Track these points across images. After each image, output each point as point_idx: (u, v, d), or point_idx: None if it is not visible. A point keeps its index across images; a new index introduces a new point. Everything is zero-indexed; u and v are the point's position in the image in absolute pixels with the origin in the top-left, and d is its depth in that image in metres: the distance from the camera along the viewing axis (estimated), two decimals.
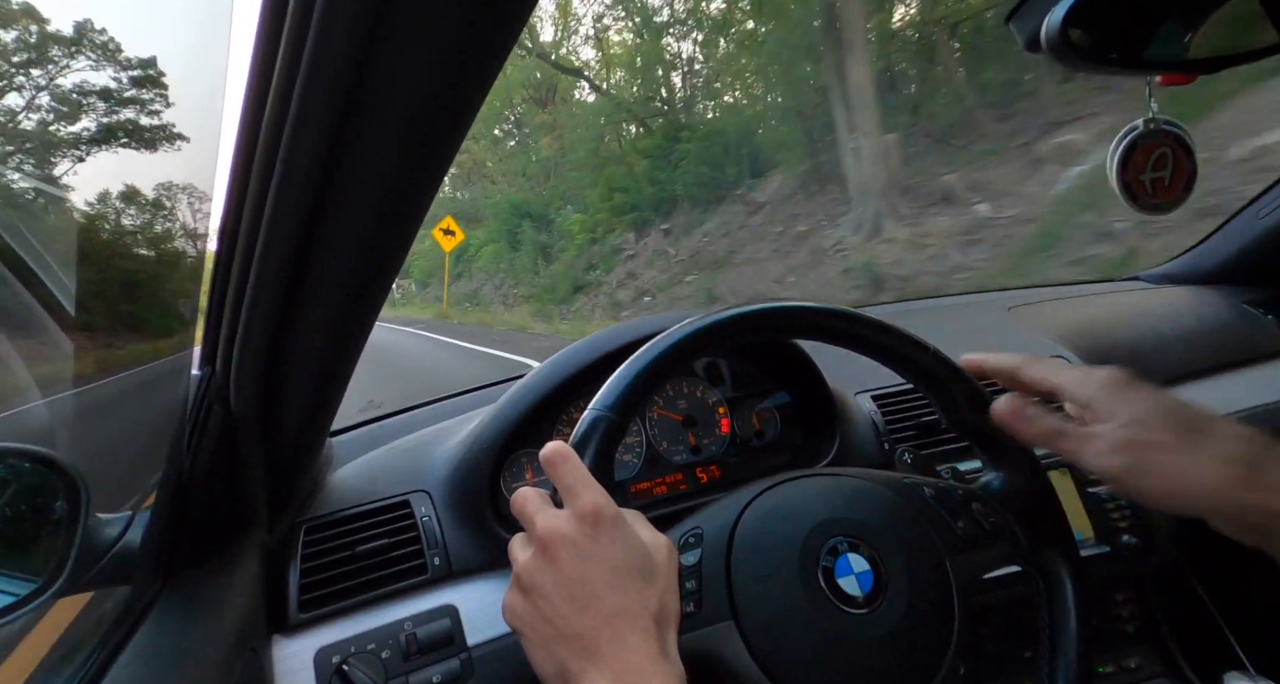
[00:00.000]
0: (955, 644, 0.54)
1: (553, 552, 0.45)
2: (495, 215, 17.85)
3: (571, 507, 0.46)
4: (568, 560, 0.44)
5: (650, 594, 0.45)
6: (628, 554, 0.46)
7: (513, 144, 20.64)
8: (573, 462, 0.48)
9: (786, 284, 8.28)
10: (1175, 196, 0.76)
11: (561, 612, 0.44)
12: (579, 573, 0.44)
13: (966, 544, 0.58)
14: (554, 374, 0.86)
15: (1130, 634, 0.99)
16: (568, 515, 0.46)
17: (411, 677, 0.71)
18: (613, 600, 0.44)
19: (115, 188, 1.05)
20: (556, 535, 0.45)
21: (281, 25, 0.36)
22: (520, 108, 19.17)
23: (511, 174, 19.08)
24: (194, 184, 0.65)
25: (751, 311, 0.59)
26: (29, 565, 0.56)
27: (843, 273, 7.56)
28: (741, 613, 0.52)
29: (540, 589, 0.45)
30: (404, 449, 0.94)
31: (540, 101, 18.58)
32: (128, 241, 1.11)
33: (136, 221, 1.08)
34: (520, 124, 20.04)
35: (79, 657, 0.54)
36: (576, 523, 0.45)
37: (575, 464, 0.48)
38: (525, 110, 19.15)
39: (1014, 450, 0.64)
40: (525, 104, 18.91)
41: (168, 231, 1.09)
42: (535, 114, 18.95)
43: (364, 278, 0.54)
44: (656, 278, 11.09)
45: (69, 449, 0.59)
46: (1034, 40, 0.58)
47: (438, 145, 0.43)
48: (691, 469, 0.93)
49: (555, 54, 17.59)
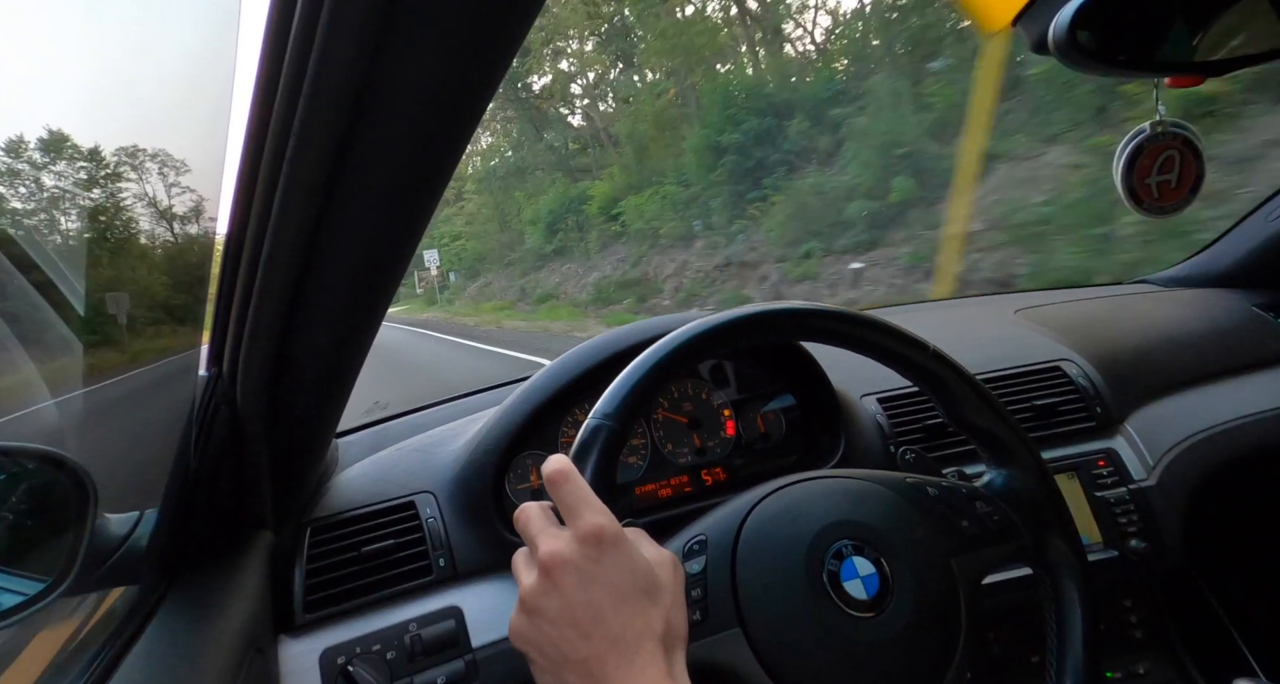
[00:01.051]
0: (962, 647, 0.54)
1: (556, 576, 0.44)
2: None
3: (573, 527, 0.46)
4: (571, 585, 0.44)
5: (655, 614, 0.45)
6: (631, 575, 0.45)
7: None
8: (574, 481, 0.48)
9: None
10: (1182, 200, 0.76)
11: (566, 636, 0.43)
12: (583, 597, 0.44)
13: (971, 543, 0.58)
14: (559, 376, 0.86)
15: (1139, 639, 0.99)
16: (569, 537, 0.46)
17: (416, 678, 0.71)
18: (617, 624, 0.43)
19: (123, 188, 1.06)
20: (559, 559, 0.45)
21: (288, 31, 0.36)
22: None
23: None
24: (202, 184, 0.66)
25: (752, 314, 0.59)
26: (38, 564, 0.56)
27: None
28: (748, 620, 0.51)
29: (545, 613, 0.44)
30: (409, 450, 0.94)
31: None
32: (136, 242, 1.12)
33: (145, 222, 1.09)
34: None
35: (87, 655, 0.54)
36: (579, 545, 0.45)
37: (577, 483, 0.48)
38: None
39: (1018, 449, 0.64)
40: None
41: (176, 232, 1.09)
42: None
43: (370, 279, 0.54)
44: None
45: (77, 449, 0.59)
46: (1041, 42, 0.58)
47: (444, 146, 0.43)
48: (696, 471, 0.93)
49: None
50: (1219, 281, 1.35)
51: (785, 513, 0.57)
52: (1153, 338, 1.16)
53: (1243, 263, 1.32)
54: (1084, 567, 0.61)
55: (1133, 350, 1.13)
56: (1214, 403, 1.06)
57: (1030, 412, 1.00)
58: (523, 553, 0.49)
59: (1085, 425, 1.00)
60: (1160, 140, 0.74)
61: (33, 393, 0.69)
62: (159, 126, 0.82)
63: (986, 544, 0.59)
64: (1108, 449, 0.99)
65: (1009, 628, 0.95)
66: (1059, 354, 1.08)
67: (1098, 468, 0.97)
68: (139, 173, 1.03)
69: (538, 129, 22.27)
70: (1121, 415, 1.03)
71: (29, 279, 0.71)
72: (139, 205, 1.08)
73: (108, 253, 1.02)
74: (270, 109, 0.40)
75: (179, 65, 0.67)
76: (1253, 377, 1.12)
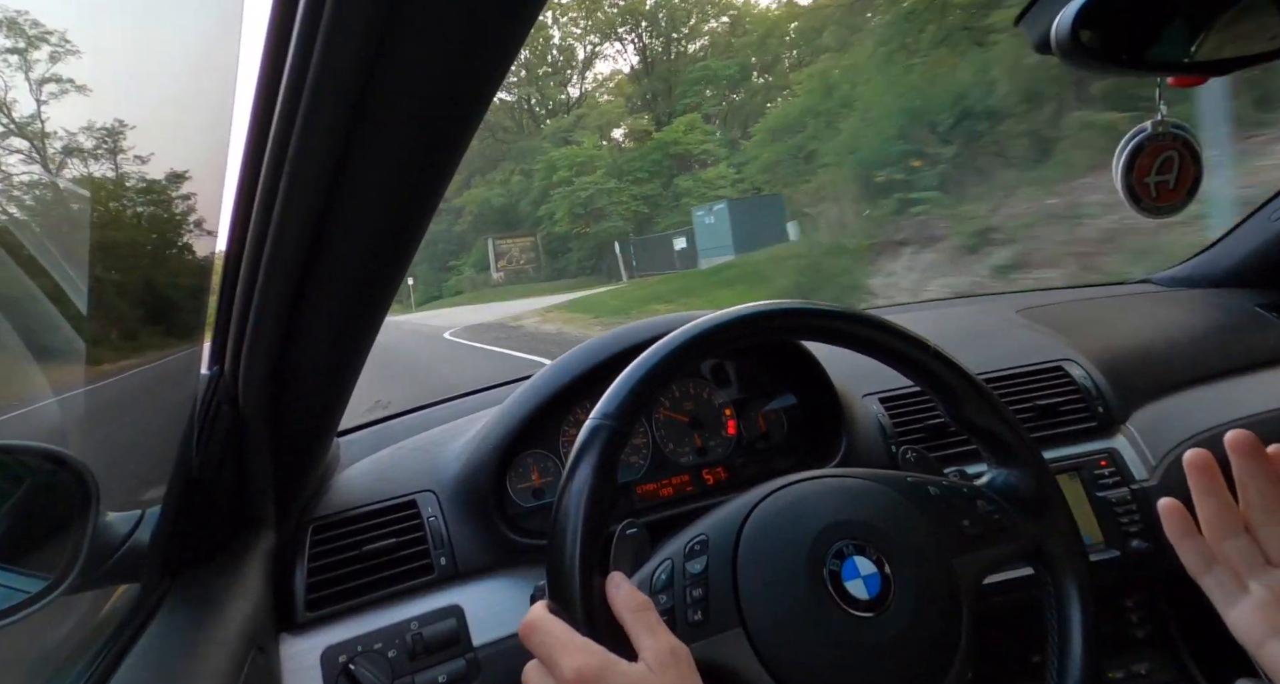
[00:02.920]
0: (963, 647, 0.54)
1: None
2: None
3: (558, 677, 0.45)
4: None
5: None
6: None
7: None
8: (544, 629, 0.47)
9: None
10: (1179, 200, 0.76)
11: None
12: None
13: (973, 543, 0.58)
14: (560, 376, 0.86)
15: (1140, 639, 0.99)
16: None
17: (418, 676, 0.71)
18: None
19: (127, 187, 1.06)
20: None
21: (290, 30, 0.36)
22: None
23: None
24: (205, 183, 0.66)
25: (753, 313, 0.59)
26: (40, 563, 0.56)
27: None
28: (749, 620, 0.51)
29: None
30: (411, 449, 0.94)
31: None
32: (139, 240, 1.12)
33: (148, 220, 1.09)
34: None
35: (89, 653, 0.55)
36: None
37: (548, 631, 0.47)
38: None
39: (1020, 449, 0.64)
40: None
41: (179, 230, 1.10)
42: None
43: (372, 278, 0.54)
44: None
45: (79, 447, 0.59)
46: (1043, 41, 0.58)
47: (446, 145, 0.43)
48: (698, 471, 0.93)
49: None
50: (1221, 281, 1.35)
51: (787, 512, 0.57)
52: (1155, 338, 1.16)
53: (1245, 263, 1.32)
54: (1085, 566, 0.61)
55: (1135, 350, 1.13)
56: (1216, 403, 1.06)
57: (1032, 411, 1.00)
58: (535, 667, 0.48)
59: (1087, 425, 1.00)
60: (1160, 140, 0.74)
61: (34, 391, 0.70)
62: (162, 124, 0.82)
63: (988, 544, 0.59)
64: (1109, 449, 0.99)
65: (1010, 628, 0.95)
66: (1061, 354, 1.08)
67: (1099, 468, 0.96)
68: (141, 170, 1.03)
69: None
70: (1123, 415, 1.03)
71: (31, 276, 0.71)
72: (141, 203, 1.08)
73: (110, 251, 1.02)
74: (273, 107, 0.40)
75: (182, 63, 0.67)
76: (1255, 376, 1.12)
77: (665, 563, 0.55)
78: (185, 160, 0.82)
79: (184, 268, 1.06)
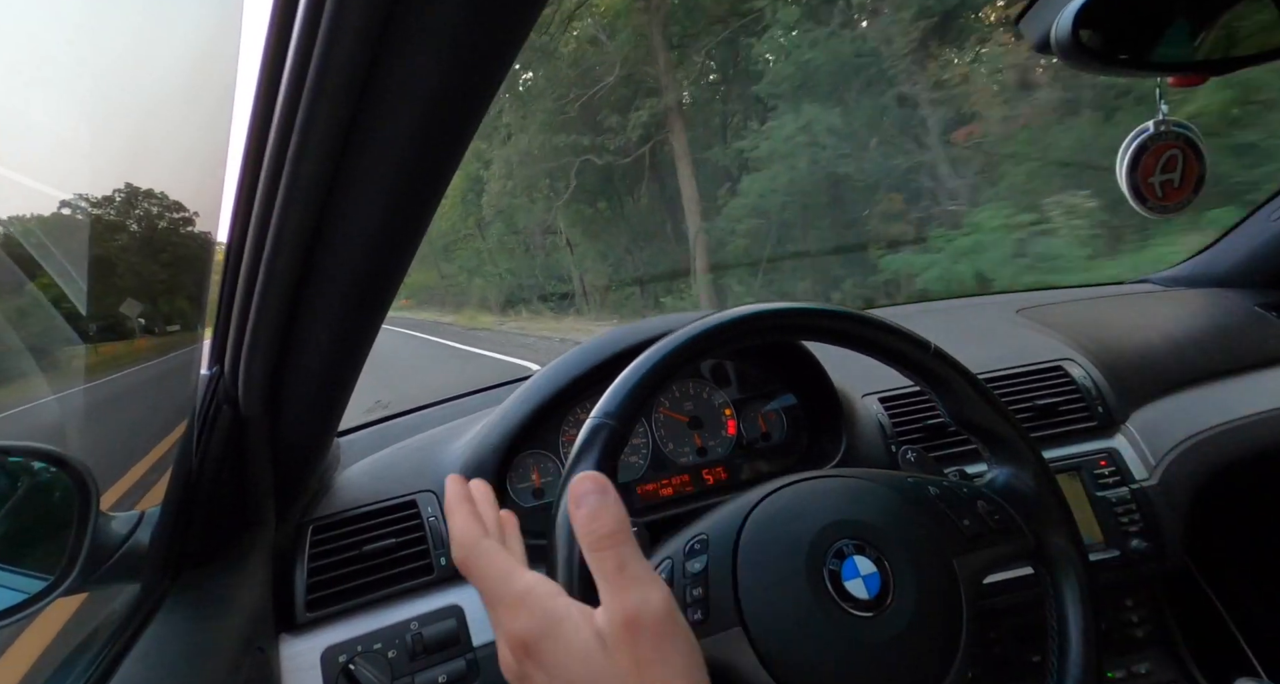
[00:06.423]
0: (964, 646, 0.54)
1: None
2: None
3: (498, 634, 0.39)
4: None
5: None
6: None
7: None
8: (484, 559, 0.41)
9: None
10: (1184, 199, 0.76)
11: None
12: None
13: (973, 542, 0.58)
14: (560, 376, 0.86)
15: (1140, 639, 0.99)
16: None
17: (417, 676, 0.71)
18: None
19: (126, 186, 1.06)
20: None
21: (291, 27, 0.36)
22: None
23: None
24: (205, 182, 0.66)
25: (753, 313, 0.59)
26: (39, 563, 0.56)
27: None
28: (749, 619, 0.51)
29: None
30: (411, 449, 0.94)
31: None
32: (139, 239, 1.12)
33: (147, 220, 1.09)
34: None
35: (88, 654, 0.54)
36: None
37: (489, 562, 0.41)
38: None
39: (1020, 449, 0.64)
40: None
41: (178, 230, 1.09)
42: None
43: (372, 278, 0.54)
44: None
45: (78, 447, 0.59)
46: (1044, 41, 0.58)
47: (447, 144, 0.43)
48: (698, 470, 0.93)
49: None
50: (1221, 281, 1.35)
51: (786, 512, 0.57)
52: (1154, 338, 1.16)
53: (1245, 262, 1.32)
54: (1085, 566, 0.61)
55: (1134, 350, 1.13)
56: (1216, 403, 1.06)
57: (1032, 411, 1.00)
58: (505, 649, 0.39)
59: (1087, 425, 1.00)
60: (1163, 139, 0.74)
61: (34, 390, 0.70)
62: (162, 122, 0.82)
63: (988, 543, 0.59)
64: (1109, 449, 0.99)
65: (1011, 627, 0.95)
66: (1061, 354, 1.08)
67: (1099, 468, 0.96)
68: (141, 169, 1.03)
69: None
70: (1123, 415, 1.03)
71: (31, 276, 0.71)
72: (141, 202, 1.08)
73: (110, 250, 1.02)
74: (273, 105, 0.40)
75: (182, 62, 0.67)
76: (1255, 376, 1.12)
77: (665, 562, 0.55)
78: (185, 160, 0.82)
79: (184, 267, 1.06)
